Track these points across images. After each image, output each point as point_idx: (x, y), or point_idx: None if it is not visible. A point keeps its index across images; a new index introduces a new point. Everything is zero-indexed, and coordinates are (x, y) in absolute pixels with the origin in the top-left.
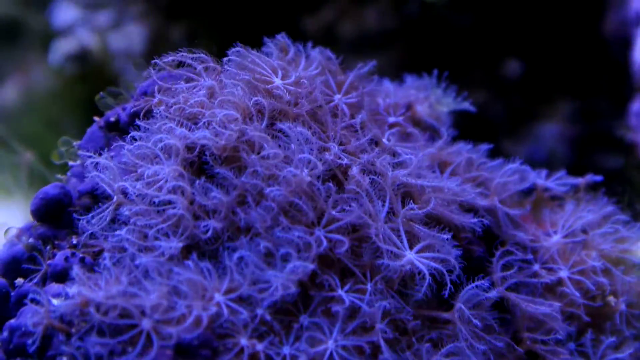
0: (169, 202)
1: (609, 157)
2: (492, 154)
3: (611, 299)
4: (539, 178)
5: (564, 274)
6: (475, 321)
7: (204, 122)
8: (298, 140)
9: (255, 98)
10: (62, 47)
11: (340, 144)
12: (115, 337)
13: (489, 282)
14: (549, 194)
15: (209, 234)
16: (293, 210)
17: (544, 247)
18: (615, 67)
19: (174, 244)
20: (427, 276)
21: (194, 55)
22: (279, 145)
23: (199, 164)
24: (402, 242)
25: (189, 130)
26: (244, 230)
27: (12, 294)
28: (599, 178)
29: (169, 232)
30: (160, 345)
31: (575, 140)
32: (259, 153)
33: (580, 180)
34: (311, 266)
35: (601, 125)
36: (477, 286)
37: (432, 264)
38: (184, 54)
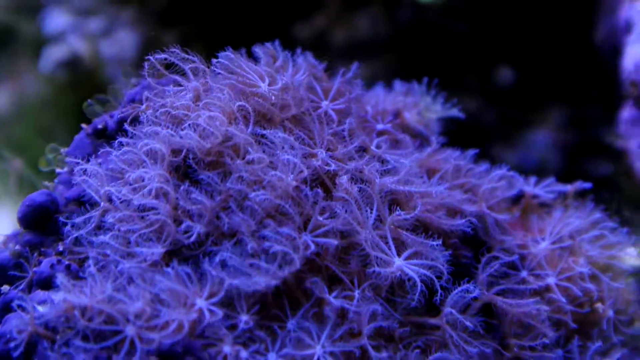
0: (153, 208)
1: (599, 164)
2: (484, 161)
3: (599, 305)
4: (527, 185)
5: (551, 280)
6: (465, 324)
7: (189, 125)
8: (283, 146)
9: (240, 102)
10: (53, 54)
11: (328, 150)
12: (99, 344)
13: (476, 288)
14: (538, 201)
15: (192, 238)
16: (279, 215)
17: (531, 253)
18: (606, 75)
19: (157, 250)
20: (419, 283)
21: (184, 56)
22: (264, 151)
23: (184, 169)
24: (390, 249)
25: (175, 133)
26: (228, 235)
27: None
28: (587, 185)
29: (152, 237)
30: (144, 352)
31: (566, 147)
32: (243, 158)
33: (569, 188)
34: (297, 265)
35: (592, 133)
36: (464, 290)
37: (422, 270)
38: (175, 50)
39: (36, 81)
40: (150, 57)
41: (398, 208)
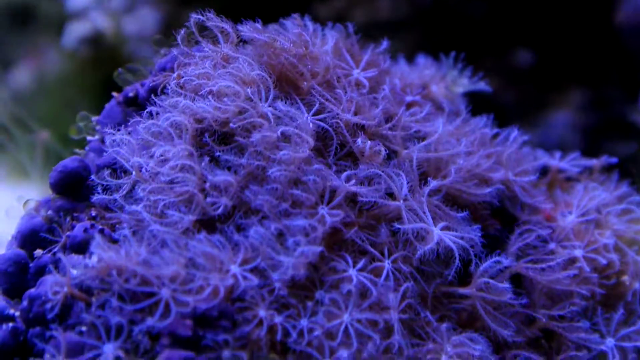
0: (180, 180)
1: (620, 144)
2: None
3: (625, 278)
4: (552, 159)
5: (578, 252)
6: (498, 290)
7: (207, 94)
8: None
9: (259, 72)
10: (76, 30)
11: (356, 114)
12: (135, 304)
13: (507, 258)
14: (564, 175)
15: (220, 210)
16: (297, 189)
17: (559, 226)
18: (627, 56)
19: (188, 217)
20: (457, 253)
21: (217, 22)
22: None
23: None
24: (426, 218)
25: (194, 102)
26: (254, 211)
27: (31, 265)
28: (613, 160)
29: (182, 207)
30: (180, 315)
31: (586, 128)
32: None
33: (594, 162)
34: (319, 248)
35: (612, 114)
36: (495, 261)
37: (459, 241)
38: (210, 15)
39: (58, 58)
40: (190, 19)
41: (429, 179)
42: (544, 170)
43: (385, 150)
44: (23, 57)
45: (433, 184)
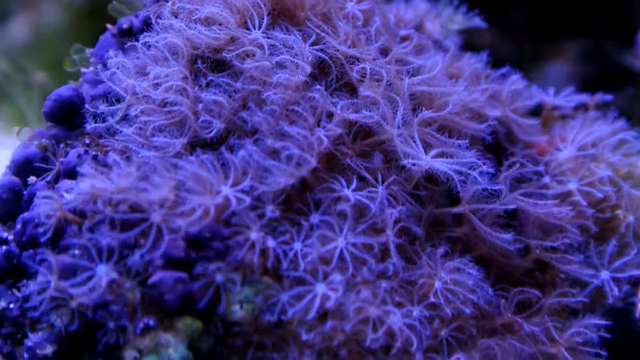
0: (173, 103)
1: (618, 94)
2: None
3: (620, 212)
4: (547, 96)
5: (573, 185)
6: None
7: (200, 20)
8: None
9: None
10: None
11: (353, 46)
12: (125, 230)
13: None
14: (559, 112)
15: (213, 133)
16: (291, 112)
17: (554, 160)
18: (622, 5)
19: (179, 140)
20: (454, 175)
21: None
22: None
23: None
24: (417, 147)
25: (187, 29)
26: (250, 132)
27: (25, 192)
28: (608, 97)
29: (174, 129)
30: (172, 238)
31: (584, 79)
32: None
33: (589, 98)
34: (314, 163)
35: (609, 65)
36: (486, 189)
37: (454, 166)
38: None
39: (55, 10)
40: None
41: (423, 108)
42: (538, 109)
43: (385, 78)
44: (19, 9)
45: (428, 113)
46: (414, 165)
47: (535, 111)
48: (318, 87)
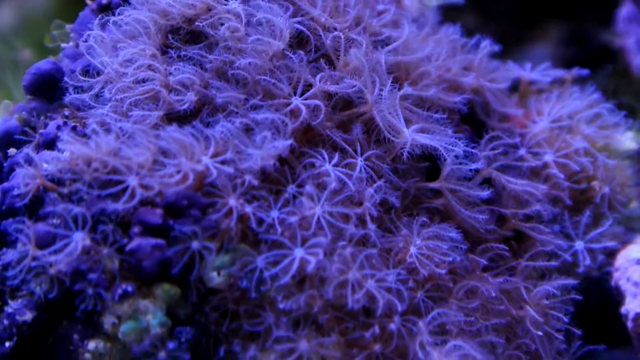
0: (145, 79)
1: (598, 73)
2: None
3: (596, 183)
4: (523, 70)
5: (549, 157)
6: (461, 188)
7: None
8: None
9: None
10: None
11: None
12: (103, 195)
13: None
14: (535, 87)
15: (186, 105)
16: (267, 82)
17: (530, 132)
18: None
19: (155, 113)
20: (441, 148)
21: None
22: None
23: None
24: (398, 118)
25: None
26: (221, 108)
27: (5, 164)
28: (585, 72)
29: (150, 103)
30: (149, 204)
31: (567, 61)
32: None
33: (566, 73)
34: (289, 141)
35: (592, 47)
36: (462, 163)
37: (434, 141)
38: None
39: None
40: None
41: (400, 81)
42: (515, 85)
43: (364, 47)
44: None
45: (406, 88)
46: (395, 138)
47: (514, 88)
48: (295, 55)
